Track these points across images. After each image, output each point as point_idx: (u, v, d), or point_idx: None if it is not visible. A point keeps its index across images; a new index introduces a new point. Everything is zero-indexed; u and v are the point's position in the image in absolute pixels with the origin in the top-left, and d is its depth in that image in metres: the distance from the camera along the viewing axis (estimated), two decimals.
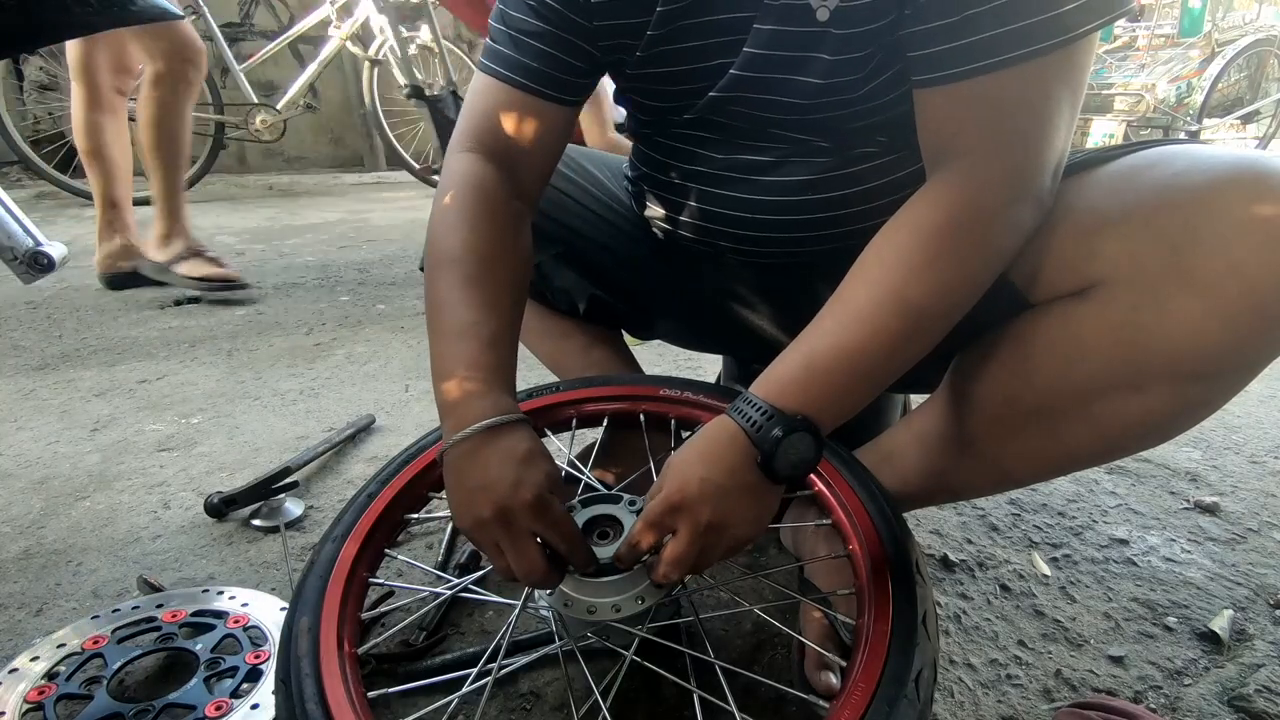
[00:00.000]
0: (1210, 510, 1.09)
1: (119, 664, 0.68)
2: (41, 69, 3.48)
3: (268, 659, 0.69)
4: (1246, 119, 4.71)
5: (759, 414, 0.56)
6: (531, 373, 1.57)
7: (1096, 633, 0.84)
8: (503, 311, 0.63)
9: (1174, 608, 0.88)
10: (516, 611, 0.65)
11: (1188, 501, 1.11)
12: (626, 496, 0.65)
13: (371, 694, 0.59)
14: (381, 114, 3.55)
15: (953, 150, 0.56)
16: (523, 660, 0.70)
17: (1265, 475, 1.19)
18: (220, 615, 0.75)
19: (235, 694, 0.65)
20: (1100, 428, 0.62)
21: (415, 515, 0.75)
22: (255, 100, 3.35)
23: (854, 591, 0.64)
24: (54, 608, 0.85)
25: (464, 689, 0.59)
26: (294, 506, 1.03)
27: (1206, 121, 3.99)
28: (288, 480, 1.05)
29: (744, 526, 0.57)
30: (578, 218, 0.90)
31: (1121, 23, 4.67)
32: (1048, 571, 0.94)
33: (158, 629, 0.73)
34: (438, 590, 0.74)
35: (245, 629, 0.73)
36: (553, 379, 0.94)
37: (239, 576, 0.90)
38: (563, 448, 0.81)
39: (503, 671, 0.62)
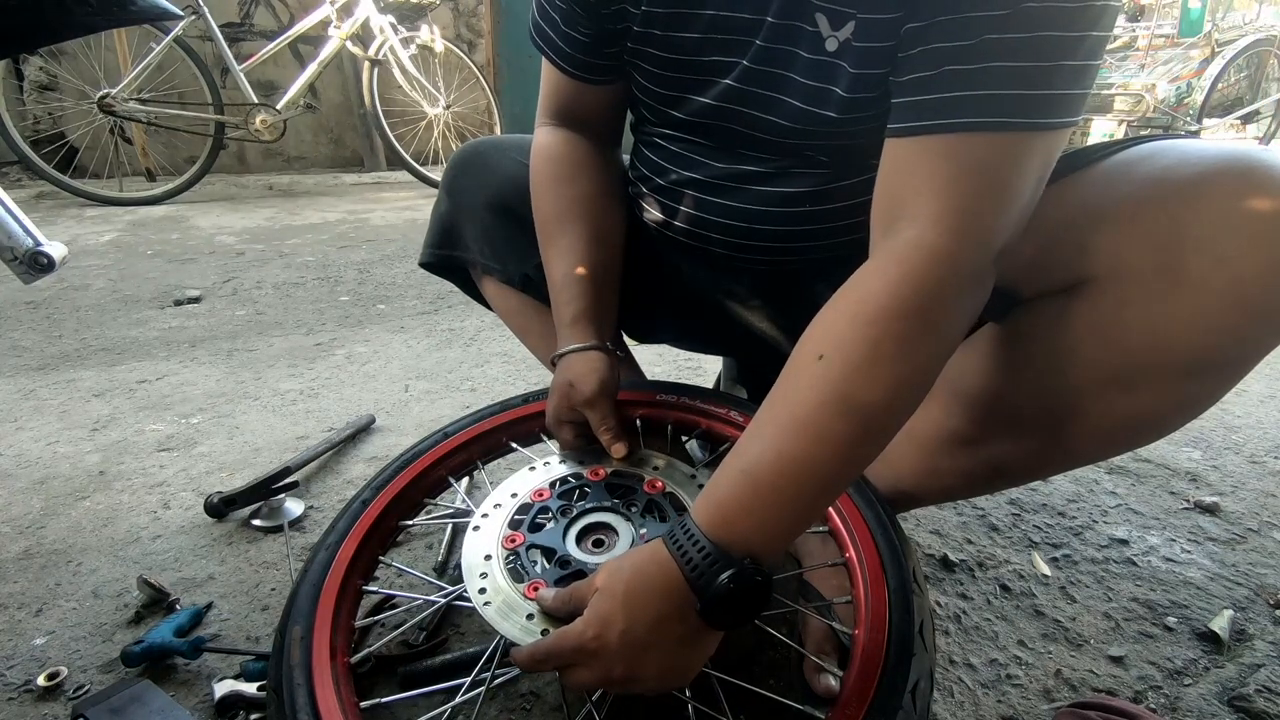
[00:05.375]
0: (1210, 510, 1.09)
1: (566, 522, 0.68)
2: (41, 69, 3.48)
3: None
4: (1246, 119, 4.71)
5: (699, 553, 0.49)
6: (532, 372, 1.58)
7: (1096, 633, 0.84)
8: (589, 251, 0.77)
9: (1174, 608, 0.88)
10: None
11: (1188, 501, 1.11)
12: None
13: (364, 703, 0.58)
14: (381, 114, 3.54)
15: (905, 215, 0.52)
16: (516, 671, 0.70)
17: (1265, 475, 1.19)
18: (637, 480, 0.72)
19: None
20: (1094, 425, 0.62)
21: (410, 522, 0.75)
22: (255, 100, 3.34)
23: (852, 600, 0.63)
24: (54, 608, 0.85)
25: (457, 699, 0.59)
26: (294, 506, 1.03)
27: (1206, 121, 3.99)
28: (288, 480, 1.05)
29: (660, 681, 0.51)
30: None
31: (1121, 22, 4.68)
32: (1048, 571, 0.94)
33: (585, 487, 0.72)
34: (431, 599, 0.74)
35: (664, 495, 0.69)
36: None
37: (239, 576, 0.90)
38: (557, 450, 0.81)
39: (496, 682, 0.61)
